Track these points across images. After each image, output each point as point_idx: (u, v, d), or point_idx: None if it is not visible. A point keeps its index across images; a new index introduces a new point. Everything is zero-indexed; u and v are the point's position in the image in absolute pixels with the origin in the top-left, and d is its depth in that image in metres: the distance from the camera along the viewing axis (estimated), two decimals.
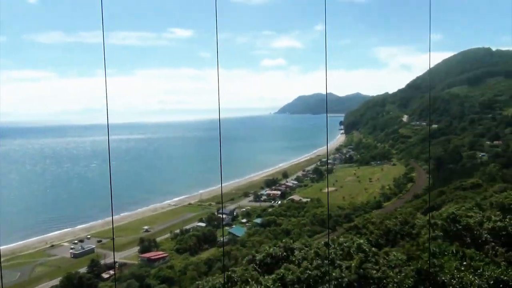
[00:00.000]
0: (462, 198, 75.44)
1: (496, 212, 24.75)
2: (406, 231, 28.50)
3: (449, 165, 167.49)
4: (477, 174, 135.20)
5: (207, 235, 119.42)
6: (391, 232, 29.23)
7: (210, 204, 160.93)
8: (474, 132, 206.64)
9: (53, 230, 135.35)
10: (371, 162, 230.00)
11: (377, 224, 35.13)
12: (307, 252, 21.50)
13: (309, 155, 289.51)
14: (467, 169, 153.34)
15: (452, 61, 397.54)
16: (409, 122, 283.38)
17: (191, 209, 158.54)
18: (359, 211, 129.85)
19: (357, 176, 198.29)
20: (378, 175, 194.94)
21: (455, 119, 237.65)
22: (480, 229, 22.37)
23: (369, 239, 27.33)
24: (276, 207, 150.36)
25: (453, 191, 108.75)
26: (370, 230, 33.22)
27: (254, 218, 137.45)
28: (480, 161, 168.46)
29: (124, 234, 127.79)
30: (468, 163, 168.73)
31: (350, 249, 21.07)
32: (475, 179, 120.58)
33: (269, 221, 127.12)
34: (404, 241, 26.02)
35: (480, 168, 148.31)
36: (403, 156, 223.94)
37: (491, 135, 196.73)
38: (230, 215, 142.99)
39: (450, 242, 21.39)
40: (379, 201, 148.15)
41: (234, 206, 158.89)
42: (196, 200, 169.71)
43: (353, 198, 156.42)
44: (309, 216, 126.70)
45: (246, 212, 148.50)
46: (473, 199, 47.35)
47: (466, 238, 22.33)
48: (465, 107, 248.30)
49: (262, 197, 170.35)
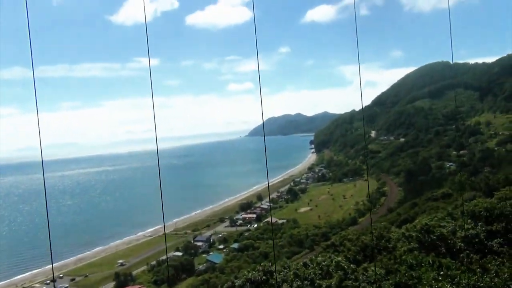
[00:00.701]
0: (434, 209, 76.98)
1: (467, 220, 25.27)
2: (382, 245, 28.74)
3: (420, 177, 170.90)
4: (447, 184, 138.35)
5: (185, 264, 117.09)
6: (368, 248, 29.41)
7: (186, 232, 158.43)
8: (440, 144, 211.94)
9: (24, 271, 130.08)
10: (344, 179, 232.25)
11: (353, 240, 35.31)
12: (286, 274, 21.38)
13: (282, 176, 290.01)
14: (437, 180, 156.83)
15: (413, 76, 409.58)
16: (377, 137, 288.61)
17: (166, 238, 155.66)
18: (335, 228, 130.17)
19: (331, 194, 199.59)
20: (351, 192, 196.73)
21: (421, 131, 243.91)
22: (454, 238, 22.80)
23: (347, 256, 27.44)
24: (252, 230, 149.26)
25: (425, 202, 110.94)
26: (347, 247, 33.36)
27: (231, 243, 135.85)
28: (449, 171, 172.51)
29: (98, 270, 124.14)
30: (437, 173, 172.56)
31: (329, 267, 21.08)
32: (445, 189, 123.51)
33: (246, 245, 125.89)
34: (381, 256, 26.19)
35: (449, 178, 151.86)
36: (374, 171, 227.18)
37: (457, 145, 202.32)
38: (206, 242, 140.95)
39: (426, 253, 21.67)
40: (355, 217, 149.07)
41: (210, 232, 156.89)
42: (171, 229, 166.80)
43: (329, 216, 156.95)
44: (286, 237, 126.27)
45: (223, 237, 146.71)
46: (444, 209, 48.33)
47: (441, 248, 22.69)
48: (429, 120, 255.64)
49: (238, 222, 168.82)
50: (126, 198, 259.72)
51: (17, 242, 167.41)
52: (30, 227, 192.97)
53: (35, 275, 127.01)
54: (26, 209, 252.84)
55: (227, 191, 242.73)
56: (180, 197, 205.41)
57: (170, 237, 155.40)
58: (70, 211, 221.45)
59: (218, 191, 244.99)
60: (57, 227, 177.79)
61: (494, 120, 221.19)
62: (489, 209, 25.37)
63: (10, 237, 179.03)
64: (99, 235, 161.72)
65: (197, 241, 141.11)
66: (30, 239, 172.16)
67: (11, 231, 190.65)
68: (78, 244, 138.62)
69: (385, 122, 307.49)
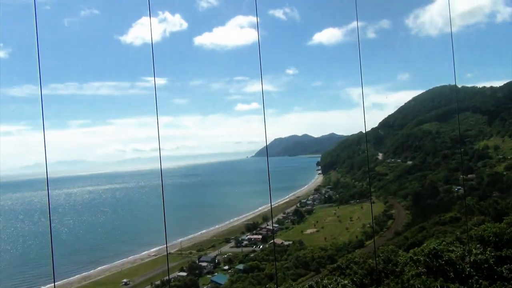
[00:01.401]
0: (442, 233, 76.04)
1: (476, 245, 24.96)
2: (389, 269, 28.38)
3: (427, 200, 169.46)
4: (455, 207, 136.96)
5: (189, 285, 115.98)
6: (375, 271, 29.04)
7: (191, 252, 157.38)
8: (448, 167, 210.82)
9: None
10: (350, 201, 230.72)
11: (360, 263, 34.90)
12: None
13: (288, 197, 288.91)
14: (445, 203, 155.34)
15: (421, 99, 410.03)
16: (385, 160, 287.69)
17: (171, 258, 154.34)
18: (341, 251, 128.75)
19: (337, 216, 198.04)
20: (358, 214, 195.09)
21: (429, 155, 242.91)
22: (463, 263, 22.47)
23: (353, 279, 27.11)
24: (258, 251, 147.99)
25: (433, 226, 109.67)
26: (354, 270, 32.94)
27: (236, 264, 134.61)
28: (457, 194, 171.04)
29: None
30: (445, 197, 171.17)
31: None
32: (453, 213, 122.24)
33: (251, 267, 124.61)
34: (389, 280, 25.85)
35: (457, 202, 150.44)
36: (381, 194, 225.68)
37: (465, 169, 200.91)
38: (211, 263, 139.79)
39: (434, 277, 21.37)
40: (361, 240, 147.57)
41: (216, 253, 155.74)
42: (176, 249, 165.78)
43: (335, 239, 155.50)
44: (292, 259, 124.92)
45: (228, 258, 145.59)
46: (453, 233, 47.78)
47: (450, 273, 22.35)
48: (437, 143, 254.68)
49: (243, 242, 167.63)
50: (132, 216, 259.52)
51: (20, 260, 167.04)
52: (34, 244, 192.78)
53: None
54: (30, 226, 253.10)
55: (233, 211, 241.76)
56: (185, 217, 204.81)
57: (175, 257, 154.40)
58: (75, 228, 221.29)
59: (224, 211, 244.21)
60: (62, 244, 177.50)
61: (503, 144, 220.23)
62: (498, 234, 25.07)
63: (14, 254, 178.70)
64: (104, 254, 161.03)
65: (202, 262, 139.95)
66: (35, 256, 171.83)
67: (15, 248, 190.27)
68: (83, 262, 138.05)
69: (392, 145, 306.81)
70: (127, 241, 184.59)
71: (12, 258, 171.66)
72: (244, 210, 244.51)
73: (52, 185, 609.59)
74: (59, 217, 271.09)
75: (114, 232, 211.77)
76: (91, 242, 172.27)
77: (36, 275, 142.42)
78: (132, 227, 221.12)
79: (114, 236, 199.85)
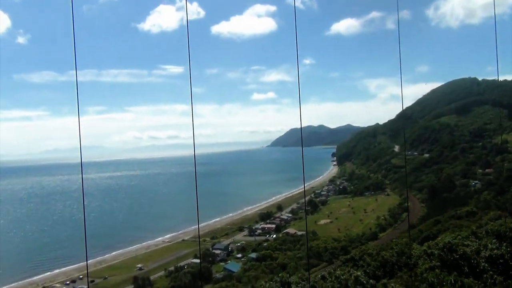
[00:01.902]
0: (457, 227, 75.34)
1: (492, 240, 24.66)
2: (403, 262, 28.24)
3: (443, 194, 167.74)
4: (471, 202, 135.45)
5: (202, 272, 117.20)
6: (388, 264, 28.94)
7: (205, 240, 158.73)
8: (466, 161, 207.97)
9: (45, 271, 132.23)
10: (365, 192, 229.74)
11: (373, 255, 34.80)
12: (304, 286, 21.19)
13: (302, 187, 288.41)
14: (461, 198, 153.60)
15: (440, 91, 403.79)
16: (401, 152, 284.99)
17: (185, 245, 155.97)
18: (355, 242, 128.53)
19: (351, 207, 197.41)
20: (372, 206, 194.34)
21: (446, 148, 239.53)
22: (478, 258, 22.24)
23: (366, 271, 27.04)
24: (271, 241, 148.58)
25: (448, 220, 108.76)
26: (367, 262, 32.88)
27: (249, 253, 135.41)
28: (474, 189, 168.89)
29: (117, 273, 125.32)
30: (462, 191, 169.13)
31: (347, 282, 20.81)
32: (469, 207, 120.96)
33: (264, 256, 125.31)
34: (402, 272, 25.74)
35: (474, 196, 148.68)
36: (397, 186, 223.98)
37: (483, 163, 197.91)
38: (224, 251, 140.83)
39: (448, 272, 21.20)
40: (375, 232, 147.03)
41: (229, 241, 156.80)
42: (190, 236, 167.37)
43: (349, 230, 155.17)
44: (305, 249, 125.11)
45: (241, 246, 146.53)
46: (468, 228, 47.32)
47: (464, 267, 22.15)
48: (455, 136, 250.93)
49: (256, 231, 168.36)
50: (147, 203, 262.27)
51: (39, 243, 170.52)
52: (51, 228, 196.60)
53: (56, 275, 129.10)
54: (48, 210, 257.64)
55: (247, 200, 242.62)
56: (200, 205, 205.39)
57: (189, 244, 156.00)
58: (91, 213, 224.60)
59: (238, 200, 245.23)
60: (79, 229, 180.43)
61: None
62: None
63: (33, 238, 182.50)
64: (119, 239, 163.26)
65: (215, 249, 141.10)
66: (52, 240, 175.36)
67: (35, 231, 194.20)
68: (98, 247, 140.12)
69: (409, 137, 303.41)
70: (141, 227, 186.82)
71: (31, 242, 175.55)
72: (258, 200, 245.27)
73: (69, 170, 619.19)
74: (75, 202, 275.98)
75: (129, 218, 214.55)
76: (106, 228, 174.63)
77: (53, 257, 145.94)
78: (147, 214, 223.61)
79: (130, 222, 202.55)
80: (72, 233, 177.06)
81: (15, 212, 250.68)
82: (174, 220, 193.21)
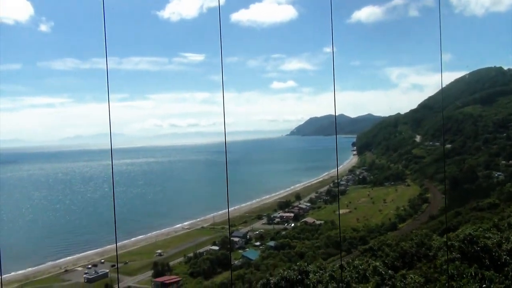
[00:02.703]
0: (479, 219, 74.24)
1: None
2: (422, 253, 28.03)
3: (465, 185, 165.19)
4: (494, 194, 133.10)
5: (221, 259, 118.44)
6: (407, 254, 28.75)
7: (223, 228, 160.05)
8: (489, 152, 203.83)
9: (67, 255, 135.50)
10: (385, 183, 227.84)
11: (392, 246, 34.62)
12: (322, 275, 21.23)
13: (321, 176, 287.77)
14: (483, 189, 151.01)
15: (463, 81, 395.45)
16: (423, 142, 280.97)
17: (204, 232, 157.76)
18: (374, 233, 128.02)
19: (371, 198, 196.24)
20: (392, 196, 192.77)
21: (469, 138, 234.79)
22: (499, 250, 21.90)
23: (385, 262, 26.94)
24: (289, 229, 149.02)
25: (470, 212, 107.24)
26: (385, 252, 32.75)
27: (268, 241, 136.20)
28: (497, 180, 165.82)
29: (137, 258, 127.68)
30: (484, 183, 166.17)
31: (365, 272, 20.78)
32: (492, 199, 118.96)
33: (282, 244, 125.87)
34: (421, 264, 25.55)
35: (497, 188, 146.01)
36: (417, 177, 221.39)
37: (507, 154, 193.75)
38: (243, 238, 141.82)
39: (468, 264, 20.96)
40: (394, 222, 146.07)
41: (247, 229, 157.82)
42: (209, 223, 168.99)
43: (368, 220, 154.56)
44: (323, 238, 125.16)
45: (260, 235, 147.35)
46: (490, 220, 46.60)
47: (485, 260, 21.84)
48: (478, 127, 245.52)
49: (275, 220, 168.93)
50: (167, 190, 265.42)
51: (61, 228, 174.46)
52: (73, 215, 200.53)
53: (78, 259, 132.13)
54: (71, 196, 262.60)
55: (266, 189, 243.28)
56: (219, 192, 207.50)
57: (208, 231, 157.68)
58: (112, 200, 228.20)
59: (257, 188, 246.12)
60: (101, 215, 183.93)
61: None
62: None
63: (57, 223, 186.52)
64: (140, 225, 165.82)
65: (234, 237, 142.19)
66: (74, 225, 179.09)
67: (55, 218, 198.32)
68: (120, 233, 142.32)
69: (431, 127, 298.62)
70: (161, 214, 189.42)
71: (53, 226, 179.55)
72: (277, 188, 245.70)
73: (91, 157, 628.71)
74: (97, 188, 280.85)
75: (149, 204, 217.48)
76: (127, 214, 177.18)
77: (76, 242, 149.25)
78: (167, 201, 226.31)
79: (149, 208, 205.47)
80: (96, 218, 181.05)
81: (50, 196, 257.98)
82: (194, 207, 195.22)
